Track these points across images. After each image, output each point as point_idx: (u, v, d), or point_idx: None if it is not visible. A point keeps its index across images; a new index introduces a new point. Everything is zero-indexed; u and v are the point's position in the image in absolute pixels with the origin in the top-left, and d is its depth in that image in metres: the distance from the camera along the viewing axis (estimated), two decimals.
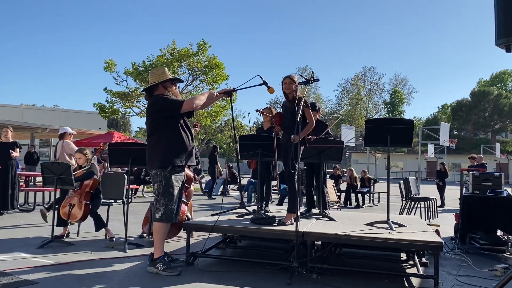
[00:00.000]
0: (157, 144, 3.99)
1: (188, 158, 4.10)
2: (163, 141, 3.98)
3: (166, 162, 3.94)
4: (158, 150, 3.98)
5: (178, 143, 4.01)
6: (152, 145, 4.05)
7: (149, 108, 4.12)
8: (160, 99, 4.06)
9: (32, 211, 8.24)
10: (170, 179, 3.96)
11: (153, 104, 4.10)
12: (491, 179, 6.17)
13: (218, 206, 10.02)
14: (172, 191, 3.97)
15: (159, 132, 4.01)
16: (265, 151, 5.12)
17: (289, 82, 4.63)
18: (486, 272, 4.28)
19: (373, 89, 58.51)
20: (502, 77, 61.54)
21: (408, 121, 4.74)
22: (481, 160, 12.21)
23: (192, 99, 4.08)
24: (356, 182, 12.74)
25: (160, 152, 3.97)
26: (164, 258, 3.89)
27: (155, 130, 4.03)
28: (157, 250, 3.93)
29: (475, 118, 51.73)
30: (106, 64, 17.95)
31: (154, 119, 4.03)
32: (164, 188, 3.96)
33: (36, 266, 4.00)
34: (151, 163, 4.04)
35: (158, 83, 4.13)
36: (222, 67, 18.40)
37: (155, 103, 4.07)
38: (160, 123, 4.01)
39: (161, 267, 3.83)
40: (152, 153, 4.04)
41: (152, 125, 4.06)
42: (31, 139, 19.37)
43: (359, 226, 4.42)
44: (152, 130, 4.06)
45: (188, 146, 4.09)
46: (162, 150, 3.96)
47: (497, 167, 34.94)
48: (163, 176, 3.96)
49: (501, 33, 2.61)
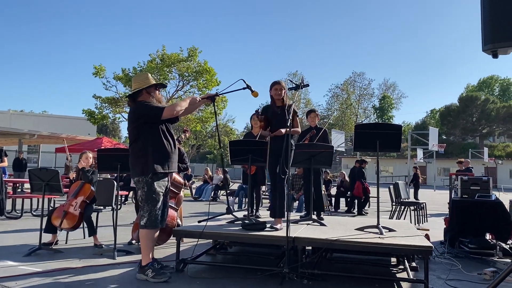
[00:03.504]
0: (140, 151, 3.97)
1: (171, 164, 4.09)
2: (145, 148, 3.95)
3: (149, 169, 3.92)
4: (141, 157, 3.96)
5: (160, 149, 3.99)
6: (134, 152, 4.03)
7: (131, 115, 4.10)
8: (142, 105, 4.05)
9: (20, 218, 8.12)
10: (153, 185, 3.94)
11: (134, 111, 4.08)
12: (480, 184, 6.23)
13: (210, 212, 9.97)
14: (155, 197, 3.94)
15: (141, 139, 3.98)
16: (255, 156, 5.11)
17: (280, 88, 4.65)
18: (475, 276, 4.31)
19: (362, 94, 59.01)
20: (489, 82, 62.43)
21: (396, 126, 4.77)
22: (468, 165, 12.33)
23: (174, 105, 4.05)
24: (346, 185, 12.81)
25: (142, 159, 3.94)
26: (153, 264, 3.86)
27: (137, 137, 4.00)
28: (145, 257, 3.90)
29: (463, 123, 52.32)
30: (96, 69, 17.86)
31: (135, 125, 4.01)
32: (147, 195, 3.94)
33: (23, 274, 3.93)
34: (134, 170, 4.02)
35: (142, 89, 4.11)
36: (213, 72, 18.41)
37: (137, 110, 4.06)
38: (142, 129, 3.98)
39: (150, 274, 3.80)
40: (135, 160, 4.02)
41: (134, 131, 4.03)
42: (19, 145, 19.13)
43: (349, 231, 4.42)
44: (134, 137, 4.03)
45: (170, 153, 4.07)
46: (145, 157, 3.94)
47: (485, 171, 35.26)
48: (145, 183, 3.94)
49: (487, 39, 2.64)
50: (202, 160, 53.50)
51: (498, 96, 59.19)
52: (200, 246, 5.44)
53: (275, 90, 4.66)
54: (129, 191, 12.13)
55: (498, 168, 40.58)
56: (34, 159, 30.73)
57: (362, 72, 60.68)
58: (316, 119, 6.40)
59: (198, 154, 51.99)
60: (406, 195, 9.31)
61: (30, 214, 8.59)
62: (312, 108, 6.90)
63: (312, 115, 6.43)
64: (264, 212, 6.49)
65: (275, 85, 4.68)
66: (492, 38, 2.60)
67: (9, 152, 15.25)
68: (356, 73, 59.01)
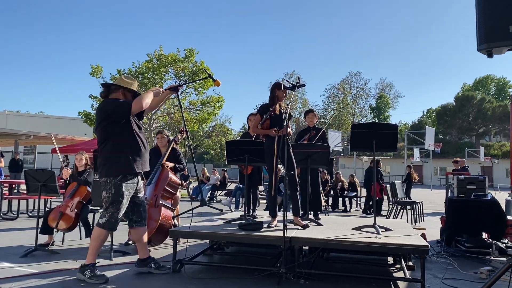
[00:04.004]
0: (111, 151, 3.85)
1: (144, 164, 4.01)
2: (117, 148, 3.85)
3: (118, 171, 3.83)
4: (112, 157, 3.84)
5: (132, 149, 3.90)
6: (105, 152, 3.89)
7: (99, 114, 3.93)
8: (109, 103, 3.94)
9: (16, 219, 8.08)
10: (121, 188, 3.84)
11: (102, 108, 3.94)
12: (476, 183, 6.26)
13: (206, 212, 9.98)
14: (121, 200, 3.85)
15: (111, 138, 3.87)
16: (252, 156, 5.11)
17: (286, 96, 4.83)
18: (471, 274, 4.32)
19: (359, 94, 59.04)
20: (485, 82, 62.63)
21: (392, 126, 4.78)
22: (464, 164, 12.38)
23: (140, 98, 3.91)
24: (342, 185, 12.85)
25: (113, 159, 3.84)
26: (93, 266, 3.80)
27: (106, 137, 3.89)
28: (90, 256, 3.83)
29: (460, 122, 52.48)
30: (93, 69, 17.83)
31: (105, 124, 3.88)
32: (113, 198, 3.83)
33: (19, 275, 3.92)
34: (102, 170, 3.88)
35: (122, 86, 4.03)
36: (210, 73, 18.40)
37: (104, 107, 3.92)
38: (112, 129, 3.87)
39: (88, 274, 3.73)
40: (105, 160, 3.89)
41: (102, 131, 3.90)
42: (15, 146, 19.06)
43: (346, 231, 4.43)
44: (104, 137, 3.90)
45: (143, 152, 3.99)
46: (116, 158, 3.83)
47: (481, 170, 35.42)
48: (113, 185, 3.83)
49: (482, 38, 2.65)
50: (199, 160, 53.48)
51: (494, 95, 59.37)
52: (197, 246, 5.45)
53: (284, 93, 4.78)
54: None
55: (494, 167, 40.74)
56: (30, 160, 30.61)
57: (359, 72, 60.77)
58: (314, 119, 6.40)
59: (195, 155, 51.95)
60: (403, 194, 9.34)
61: (26, 215, 8.56)
62: (310, 108, 6.92)
63: (310, 115, 6.42)
64: (261, 212, 6.50)
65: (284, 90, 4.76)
66: (487, 38, 2.61)
67: (5, 153, 15.22)
68: (353, 73, 59.07)
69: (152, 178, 5.62)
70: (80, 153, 5.85)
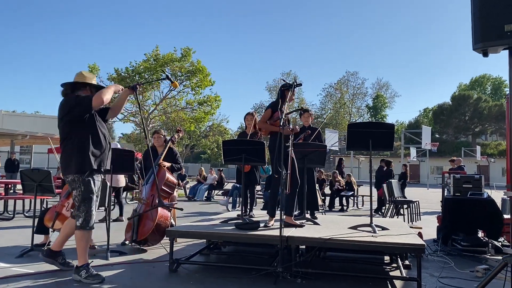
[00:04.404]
0: (74, 147, 3.81)
1: (107, 161, 4.01)
2: (81, 144, 3.81)
3: (86, 167, 3.80)
4: (76, 154, 3.80)
5: (96, 146, 3.87)
6: (68, 148, 3.85)
7: (62, 109, 3.88)
8: (70, 98, 3.90)
9: (12, 219, 8.05)
10: (90, 184, 3.83)
11: (64, 104, 3.90)
12: (472, 182, 6.28)
13: (202, 212, 9.98)
14: (92, 196, 3.85)
15: (73, 134, 3.83)
16: (249, 156, 5.11)
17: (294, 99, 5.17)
18: (467, 273, 4.34)
19: (356, 93, 59.09)
20: (482, 81, 62.82)
21: (389, 125, 4.79)
22: (460, 163, 12.42)
23: (100, 93, 3.86)
24: (338, 184, 12.87)
25: (78, 156, 3.80)
26: (87, 266, 3.82)
27: (69, 133, 3.86)
28: (80, 258, 3.83)
29: (456, 122, 52.61)
30: (90, 68, 17.80)
31: (68, 119, 3.84)
32: (84, 195, 3.81)
33: (15, 275, 3.90)
34: (68, 168, 3.83)
35: (88, 83, 4.03)
36: (206, 72, 18.39)
37: (66, 103, 3.88)
38: (76, 124, 3.83)
39: (84, 274, 3.74)
40: (68, 158, 3.85)
41: (65, 127, 3.87)
42: (11, 146, 18.99)
43: (343, 230, 4.44)
44: (67, 133, 3.87)
45: (105, 149, 3.97)
46: (81, 154, 3.79)
47: (478, 169, 35.55)
48: (82, 182, 3.80)
49: (477, 38, 2.67)
50: (196, 160, 53.44)
51: (490, 94, 59.55)
52: (194, 246, 5.45)
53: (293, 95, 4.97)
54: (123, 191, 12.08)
55: (491, 166, 40.83)
56: (26, 160, 30.53)
57: (356, 72, 60.89)
58: (309, 118, 6.41)
59: (192, 154, 51.93)
60: (400, 193, 9.36)
61: (22, 215, 8.53)
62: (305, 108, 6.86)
63: (306, 114, 6.43)
64: (258, 211, 6.50)
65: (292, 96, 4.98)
66: (482, 37, 2.63)
67: (1, 153, 15.17)
68: (350, 72, 59.15)
69: (149, 177, 5.61)
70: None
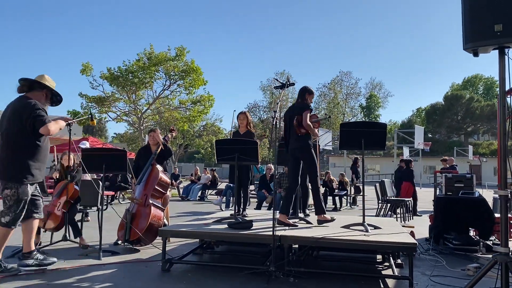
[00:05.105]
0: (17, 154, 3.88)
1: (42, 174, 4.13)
2: (24, 154, 3.89)
3: (23, 178, 3.87)
4: (17, 161, 3.88)
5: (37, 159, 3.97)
6: (10, 152, 3.90)
7: (18, 111, 3.92)
8: (33, 107, 3.91)
9: None
10: (25, 191, 3.91)
11: (24, 107, 3.92)
12: (463, 181, 6.34)
13: (195, 212, 9.96)
14: (26, 198, 3.94)
15: (20, 141, 3.90)
16: (242, 155, 5.11)
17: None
18: (459, 272, 4.37)
19: (349, 93, 59.26)
20: (474, 81, 63.27)
21: (381, 125, 4.82)
22: (452, 162, 12.49)
23: (51, 125, 3.93)
24: (332, 184, 12.93)
25: (18, 164, 3.87)
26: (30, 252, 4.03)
27: (14, 137, 3.91)
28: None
29: (448, 121, 52.97)
30: (83, 67, 17.69)
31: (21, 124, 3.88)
32: (17, 198, 3.88)
33: (5, 276, 3.87)
34: (7, 171, 3.90)
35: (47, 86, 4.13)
36: (200, 72, 18.35)
37: (26, 108, 3.90)
38: (26, 133, 3.89)
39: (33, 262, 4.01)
40: (10, 162, 3.89)
41: (13, 127, 3.90)
42: None
43: (335, 229, 4.45)
44: (10, 133, 3.91)
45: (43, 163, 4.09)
46: (20, 164, 3.88)
47: (470, 169, 35.82)
48: (17, 189, 3.88)
49: (468, 38, 2.69)
50: (190, 159, 53.31)
51: (482, 94, 60.00)
52: (186, 245, 5.44)
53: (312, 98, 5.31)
54: (115, 191, 12.04)
55: (483, 165, 41.15)
56: None
57: (349, 71, 61.08)
58: None
59: (186, 154, 51.78)
60: (392, 193, 9.42)
61: None
62: None
63: None
64: (251, 211, 6.50)
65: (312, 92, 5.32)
66: (472, 37, 2.65)
67: None
68: (343, 72, 59.29)
69: (142, 177, 5.59)
70: (66, 153, 5.80)
